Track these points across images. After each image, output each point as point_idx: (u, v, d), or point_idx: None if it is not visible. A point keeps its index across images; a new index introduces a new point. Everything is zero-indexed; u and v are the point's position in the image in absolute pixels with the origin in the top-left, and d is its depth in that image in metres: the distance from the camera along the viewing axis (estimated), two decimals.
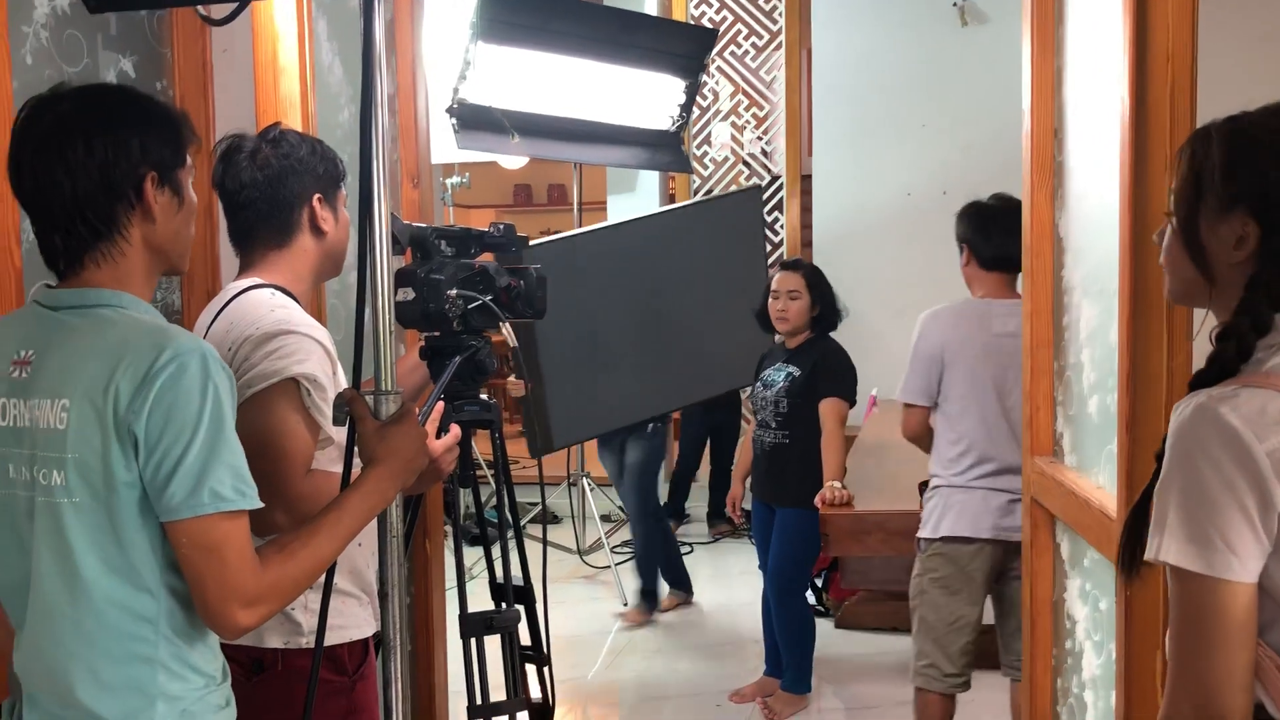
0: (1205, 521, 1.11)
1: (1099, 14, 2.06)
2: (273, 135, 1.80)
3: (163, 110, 1.35)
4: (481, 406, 1.99)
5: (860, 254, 5.73)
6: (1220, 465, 1.11)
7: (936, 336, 2.89)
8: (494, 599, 2.13)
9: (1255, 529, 1.11)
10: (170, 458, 1.23)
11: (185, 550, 1.25)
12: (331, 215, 1.84)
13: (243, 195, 1.77)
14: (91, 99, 1.31)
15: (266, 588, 1.28)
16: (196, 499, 1.24)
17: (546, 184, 11.71)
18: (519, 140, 4.44)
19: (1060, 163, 2.32)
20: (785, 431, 3.64)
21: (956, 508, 2.85)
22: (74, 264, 1.32)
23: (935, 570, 2.88)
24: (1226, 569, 1.11)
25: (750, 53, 6.32)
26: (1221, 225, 1.20)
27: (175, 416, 1.22)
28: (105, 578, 1.27)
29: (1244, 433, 1.10)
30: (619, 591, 4.99)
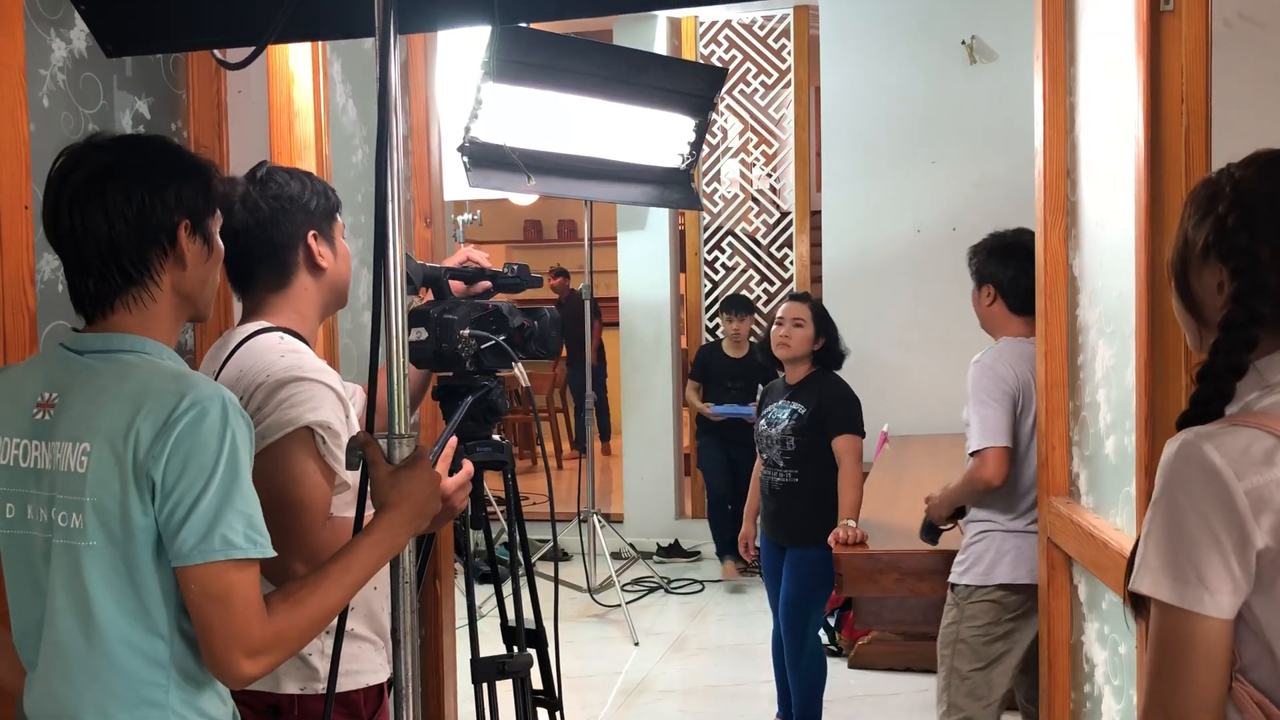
0: (1181, 556, 1.15)
1: (1111, 54, 2.06)
2: (260, 175, 1.77)
3: (195, 161, 1.39)
4: (494, 447, 1.98)
5: (870, 290, 5.73)
6: (1198, 501, 1.14)
7: (1012, 375, 2.73)
8: (505, 642, 2.11)
9: (1230, 566, 1.13)
10: (185, 503, 1.23)
11: (193, 597, 1.25)
12: (329, 250, 1.80)
13: (238, 241, 1.74)
14: (129, 149, 1.35)
15: (272, 638, 1.27)
16: (208, 545, 1.23)
17: (557, 220, 11.79)
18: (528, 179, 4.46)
19: (1074, 202, 2.32)
20: (794, 470, 3.59)
21: (1012, 554, 2.69)
22: (104, 307, 1.34)
23: (978, 619, 2.71)
24: (1198, 603, 1.14)
25: (759, 91, 6.36)
26: (1204, 273, 1.26)
27: (192, 462, 1.23)
28: (119, 621, 1.27)
29: (1224, 470, 1.13)
30: (630, 630, 4.95)
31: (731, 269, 6.49)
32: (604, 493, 5.95)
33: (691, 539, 6.36)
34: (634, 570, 5.94)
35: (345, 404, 1.70)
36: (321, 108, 2.23)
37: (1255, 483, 1.12)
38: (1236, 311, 1.21)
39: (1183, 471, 1.16)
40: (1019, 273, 2.75)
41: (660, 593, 5.68)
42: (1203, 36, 1.65)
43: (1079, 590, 2.31)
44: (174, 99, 2.44)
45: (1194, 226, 1.27)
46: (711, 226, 6.48)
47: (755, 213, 6.52)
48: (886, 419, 5.10)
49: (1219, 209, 1.24)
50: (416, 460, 1.43)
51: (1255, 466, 1.13)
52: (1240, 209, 1.22)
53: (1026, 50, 5.66)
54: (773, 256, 6.43)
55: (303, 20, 1.54)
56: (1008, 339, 2.81)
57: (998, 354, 2.78)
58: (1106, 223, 2.09)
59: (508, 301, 2.05)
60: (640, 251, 6.46)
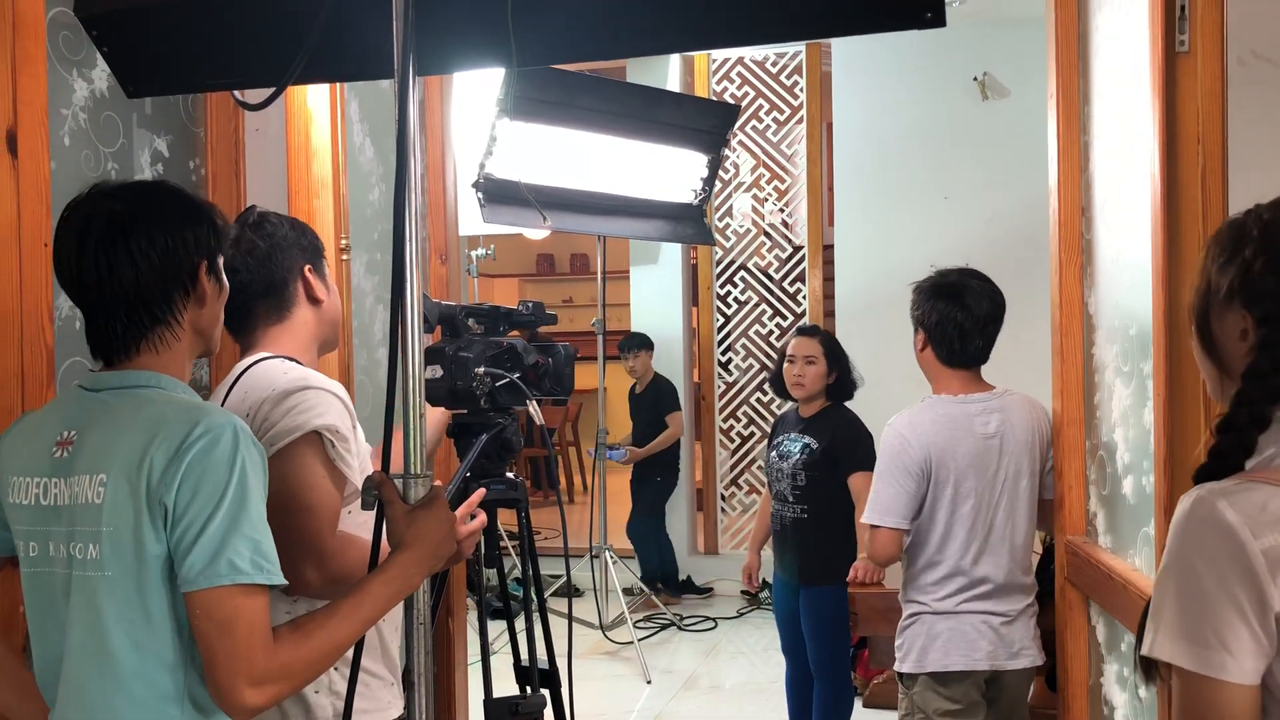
0: (1200, 619, 1.10)
1: (1127, 94, 2.06)
2: (252, 220, 1.81)
3: (201, 204, 1.44)
4: (508, 485, 1.98)
5: (883, 325, 5.70)
6: (1215, 561, 1.09)
7: (920, 448, 2.49)
8: (518, 681, 2.09)
9: (1252, 628, 1.08)
10: (194, 527, 1.25)
11: (199, 622, 1.26)
12: (323, 284, 1.84)
13: (235, 280, 1.76)
14: (141, 196, 1.39)
15: (277, 668, 1.27)
16: (214, 569, 1.24)
17: (569, 254, 11.84)
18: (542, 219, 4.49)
19: (1088, 240, 2.32)
20: (804, 506, 3.53)
21: (944, 636, 2.50)
22: (129, 349, 1.37)
23: (924, 709, 2.53)
24: (1221, 669, 1.09)
25: (771, 126, 6.39)
26: (1226, 319, 1.21)
27: (203, 487, 1.25)
28: (132, 654, 1.28)
29: (1240, 529, 1.09)
30: (642, 668, 4.91)
31: (744, 303, 6.50)
32: (614, 528, 5.91)
33: (704, 575, 6.32)
34: (645, 607, 5.90)
35: (351, 413, 1.71)
36: (339, 147, 2.25)
37: (1272, 542, 1.08)
38: (1262, 360, 1.16)
39: (1197, 530, 1.12)
40: (944, 317, 2.52)
41: (672, 630, 5.64)
42: (1218, 76, 1.66)
43: (1097, 631, 2.28)
44: (192, 137, 2.46)
45: (1218, 270, 1.22)
46: (724, 261, 6.49)
47: (768, 247, 6.53)
48: None
49: (1245, 252, 1.19)
50: (433, 500, 1.43)
51: (1272, 525, 1.08)
52: (1268, 253, 1.17)
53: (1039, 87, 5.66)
54: (785, 291, 6.44)
55: (322, 62, 1.56)
56: (930, 399, 2.58)
57: (911, 417, 2.54)
58: (1122, 261, 2.08)
59: (521, 339, 2.05)
60: (653, 286, 6.48)
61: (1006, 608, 2.50)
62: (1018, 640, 2.51)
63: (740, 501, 6.51)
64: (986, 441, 2.50)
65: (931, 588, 2.53)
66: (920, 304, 2.59)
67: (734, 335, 6.51)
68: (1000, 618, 2.50)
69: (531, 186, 4.64)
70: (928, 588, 2.54)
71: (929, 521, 2.52)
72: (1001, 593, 2.50)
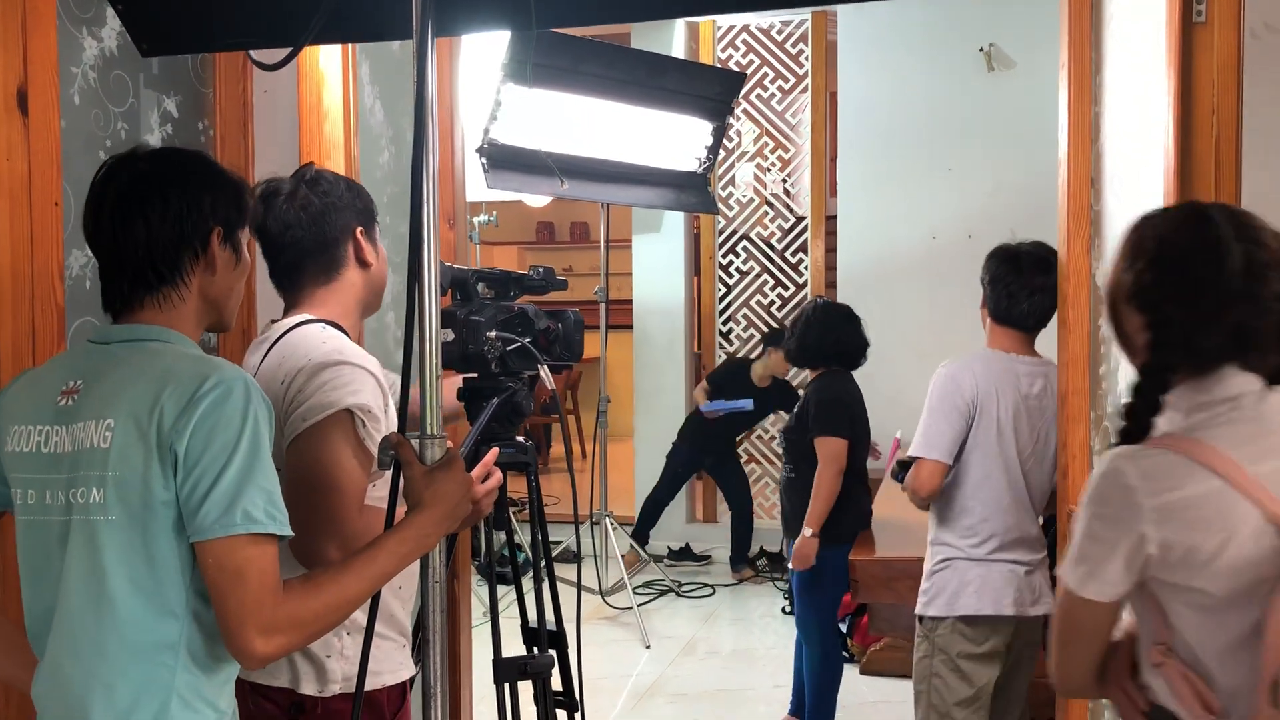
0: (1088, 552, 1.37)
1: (1139, 64, 2.06)
2: (309, 176, 1.82)
3: (230, 176, 1.45)
4: (518, 448, 1.99)
5: (884, 296, 5.72)
6: (1110, 512, 1.35)
7: (971, 387, 2.61)
8: (525, 643, 2.11)
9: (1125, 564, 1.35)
10: (207, 477, 1.26)
11: (210, 571, 1.27)
12: (372, 248, 1.86)
13: (287, 235, 1.79)
14: (167, 159, 1.42)
15: (284, 617, 1.29)
16: (229, 519, 1.26)
17: (569, 222, 11.81)
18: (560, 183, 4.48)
19: (1097, 211, 2.32)
20: (791, 466, 3.72)
21: (976, 583, 2.61)
22: (133, 304, 1.39)
23: (949, 650, 2.62)
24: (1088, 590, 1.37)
25: (776, 95, 6.36)
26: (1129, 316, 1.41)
27: (216, 438, 1.26)
28: (132, 597, 1.29)
29: (1137, 490, 1.33)
30: (641, 634, 4.95)
31: (746, 273, 6.50)
32: (615, 495, 5.95)
33: (702, 543, 6.36)
34: (646, 573, 5.95)
35: (385, 391, 1.72)
36: (351, 109, 2.25)
37: (1164, 500, 1.31)
38: (1152, 360, 1.37)
39: (1106, 486, 1.36)
40: (997, 279, 2.69)
41: (671, 596, 5.69)
42: (1234, 48, 1.66)
43: None
44: (201, 98, 2.45)
45: (1124, 269, 1.40)
46: (726, 231, 6.49)
47: (770, 217, 6.52)
48: (899, 425, 5.08)
49: (1139, 262, 1.37)
50: (450, 462, 1.44)
51: (1166, 486, 1.31)
52: (1156, 265, 1.36)
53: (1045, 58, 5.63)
54: (787, 261, 6.44)
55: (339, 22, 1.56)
56: (982, 351, 2.71)
57: (962, 363, 2.67)
58: None
59: (532, 304, 2.06)
60: (655, 255, 6.47)
61: (1030, 557, 2.61)
62: (1036, 589, 2.61)
63: None
64: (1028, 400, 2.61)
65: (966, 533, 2.63)
66: (987, 266, 2.76)
67: (735, 305, 6.51)
68: (1024, 566, 2.61)
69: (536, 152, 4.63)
70: (962, 533, 2.63)
71: (966, 465, 2.62)
72: (1024, 544, 2.61)
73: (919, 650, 2.70)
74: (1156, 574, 1.35)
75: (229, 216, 1.41)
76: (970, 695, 2.60)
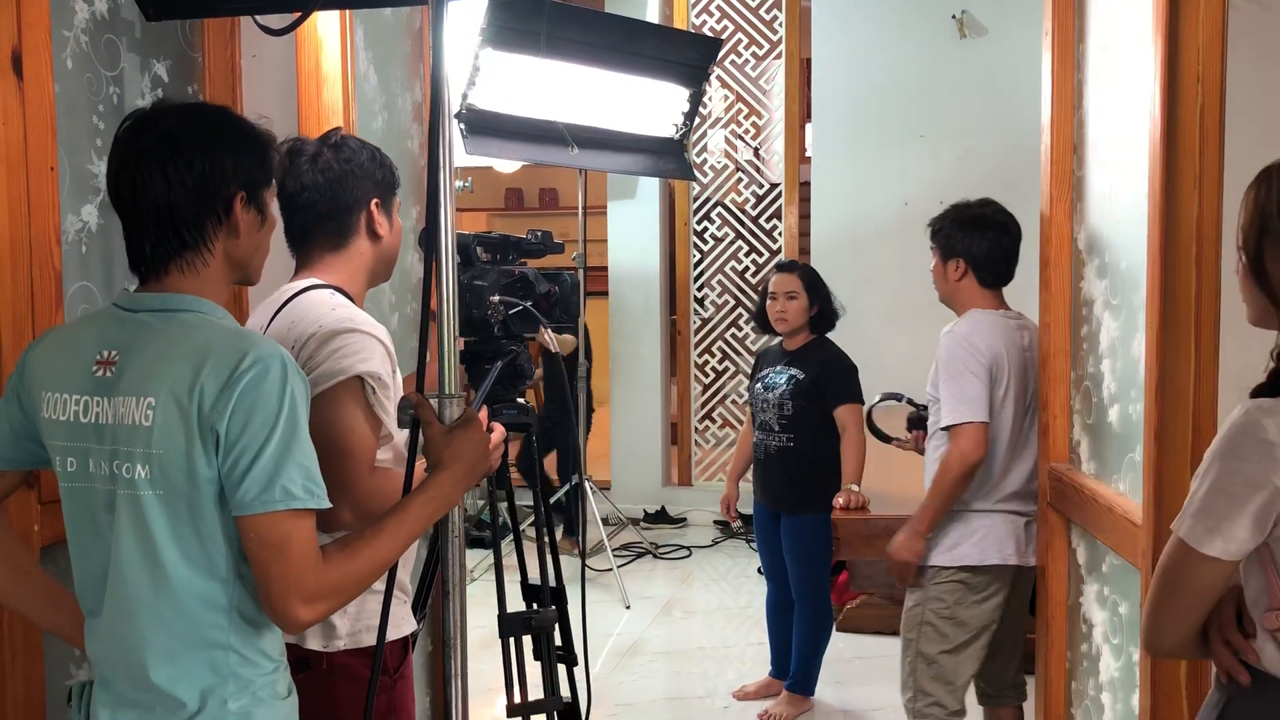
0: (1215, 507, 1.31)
1: (1122, 32, 2.11)
2: (334, 140, 1.84)
3: (255, 133, 1.43)
4: (519, 410, 2.03)
5: (858, 262, 5.78)
6: (1244, 466, 1.29)
7: (987, 348, 2.62)
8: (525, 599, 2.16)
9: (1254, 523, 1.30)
10: (247, 455, 1.28)
11: (252, 545, 1.30)
12: (387, 220, 1.88)
13: (303, 197, 1.81)
14: (192, 118, 1.39)
15: (327, 585, 1.32)
16: (269, 495, 1.28)
17: (538, 188, 11.76)
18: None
19: (1079, 177, 2.38)
20: (790, 435, 3.63)
21: (980, 534, 2.65)
22: (159, 269, 1.39)
23: (943, 599, 2.66)
24: (1210, 546, 1.31)
25: (750, 62, 6.37)
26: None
27: (255, 416, 1.28)
28: (184, 567, 1.32)
29: (1277, 444, 1.27)
30: (621, 594, 5.03)
31: (720, 240, 6.54)
32: (594, 458, 6.00)
33: (678, 506, 6.44)
34: (622, 536, 6.02)
35: (393, 357, 1.75)
36: (349, 74, 2.25)
37: None
38: None
39: (1240, 437, 1.30)
40: (994, 245, 2.71)
41: (649, 558, 5.76)
42: (1219, 17, 1.71)
43: (1077, 554, 2.39)
44: (190, 62, 2.44)
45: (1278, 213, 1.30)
46: (700, 197, 6.51)
47: (744, 184, 6.55)
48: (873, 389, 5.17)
49: None
50: (469, 420, 1.48)
51: None
52: None
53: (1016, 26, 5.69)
54: (761, 228, 6.48)
55: None
56: (978, 311, 2.72)
57: (973, 325, 2.68)
58: (1115, 198, 2.15)
59: (532, 268, 2.09)
60: (630, 221, 6.49)
61: (1028, 508, 2.65)
62: (1033, 540, 2.65)
63: (714, 435, 6.61)
64: (1025, 354, 2.67)
65: (976, 486, 2.64)
66: (959, 236, 2.74)
67: (710, 272, 6.56)
68: (1024, 517, 2.66)
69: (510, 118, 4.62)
70: (973, 487, 2.64)
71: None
72: (1026, 495, 2.66)
73: (910, 598, 2.73)
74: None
75: (253, 177, 1.40)
76: (962, 642, 2.65)
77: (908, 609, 2.74)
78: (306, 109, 2.26)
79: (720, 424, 6.55)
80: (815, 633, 3.74)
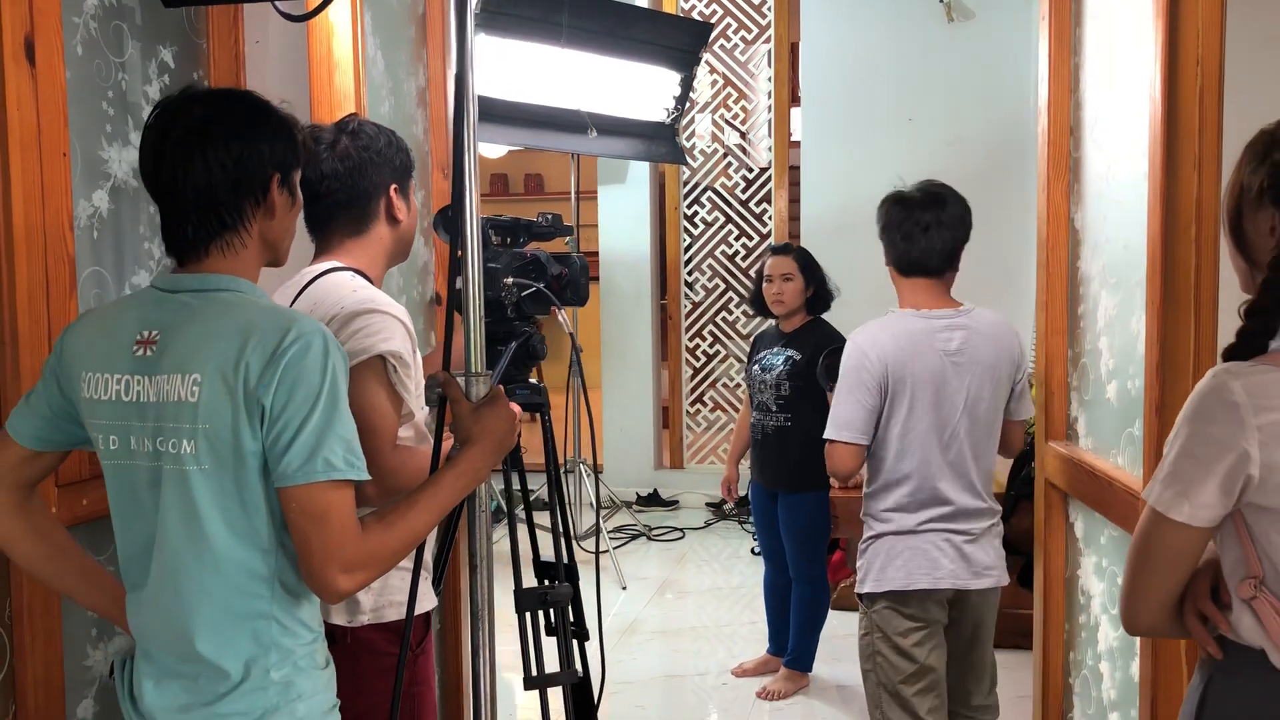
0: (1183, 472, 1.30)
1: (1119, 16, 2.15)
2: (351, 127, 1.86)
3: (284, 118, 1.47)
4: (532, 390, 2.06)
5: (847, 245, 5.78)
6: (1213, 431, 1.28)
7: (875, 360, 2.41)
8: (538, 576, 2.20)
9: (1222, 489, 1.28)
10: (290, 428, 1.32)
11: (294, 515, 1.34)
12: (405, 204, 1.91)
13: (323, 185, 1.83)
14: (226, 104, 1.43)
15: (365, 555, 1.36)
16: (311, 466, 1.32)
17: (523, 174, 11.75)
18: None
19: (1076, 159, 2.43)
20: (787, 415, 3.68)
21: (905, 555, 2.45)
22: (199, 251, 1.42)
23: (888, 627, 2.48)
24: (1179, 513, 1.31)
25: (739, 46, 6.40)
26: (1257, 217, 1.34)
27: (299, 391, 1.32)
28: (229, 539, 1.35)
29: (1243, 407, 1.26)
30: (617, 575, 5.08)
31: (710, 224, 6.57)
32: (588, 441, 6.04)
33: (670, 488, 6.49)
34: (616, 519, 6.07)
35: (413, 337, 1.78)
36: (360, 59, 2.27)
37: (1271, 419, 1.25)
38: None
39: (1209, 403, 1.29)
40: (889, 224, 2.47)
41: (643, 540, 5.82)
42: (1218, 1, 1.75)
43: (1075, 527, 2.44)
44: (195, 48, 2.46)
45: (1250, 172, 1.35)
46: (690, 182, 6.54)
47: (734, 168, 6.59)
48: None
49: (1275, 156, 1.32)
50: (496, 397, 1.52)
51: (1274, 404, 1.26)
52: None
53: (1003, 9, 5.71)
54: (751, 212, 6.52)
55: None
56: (892, 313, 2.51)
57: (870, 334, 2.46)
58: (1113, 177, 2.19)
59: (544, 250, 2.12)
60: (620, 206, 6.51)
61: (969, 526, 2.44)
62: (981, 560, 2.45)
63: (705, 418, 6.66)
64: (947, 359, 2.41)
65: (891, 509, 2.47)
66: (877, 219, 2.55)
67: (700, 256, 6.59)
68: (963, 536, 2.44)
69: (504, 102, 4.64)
70: (887, 508, 2.48)
71: (884, 438, 2.45)
72: (962, 515, 2.44)
73: (861, 627, 2.56)
74: (1255, 499, 1.29)
75: (285, 160, 1.44)
76: (914, 671, 2.46)
77: (860, 637, 2.57)
78: (319, 95, 2.28)
79: (711, 407, 6.60)
80: (813, 610, 3.80)
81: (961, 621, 2.53)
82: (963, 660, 2.57)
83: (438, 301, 2.84)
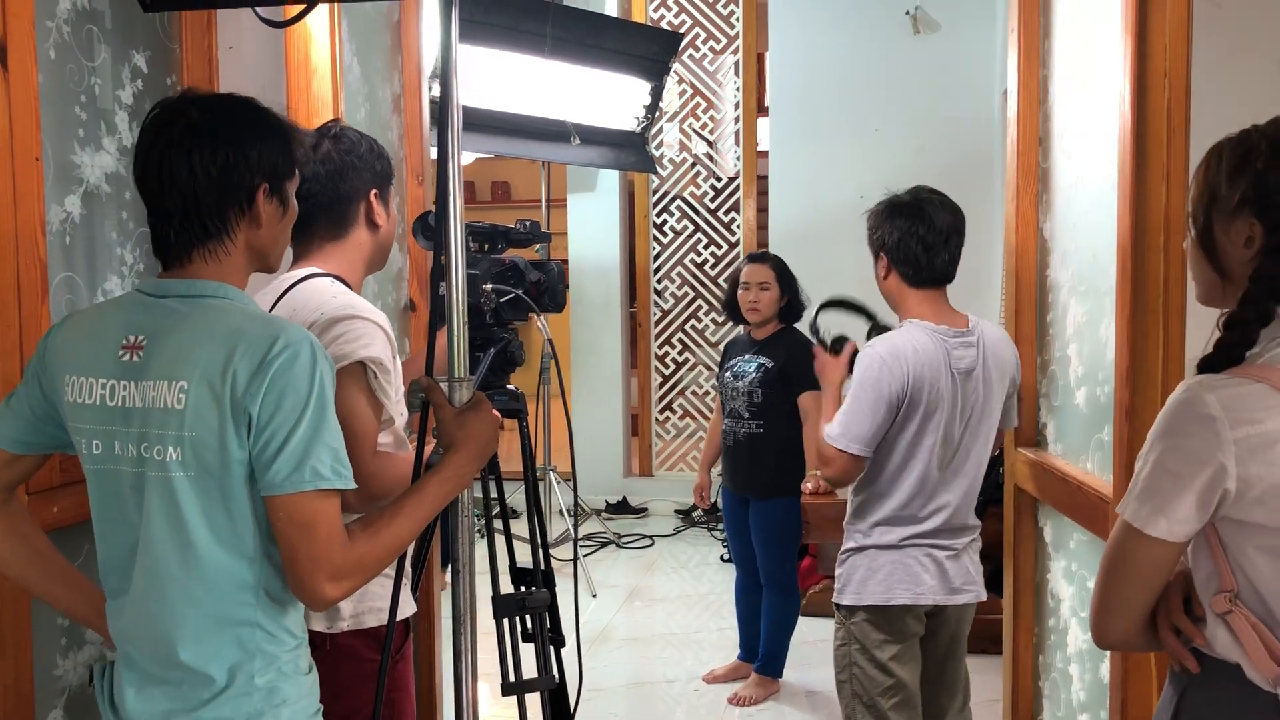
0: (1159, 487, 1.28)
1: (1088, 30, 2.20)
2: (334, 131, 1.86)
3: (280, 124, 1.45)
4: (510, 396, 2.07)
5: (815, 255, 5.85)
6: (1188, 444, 1.26)
7: (901, 376, 2.32)
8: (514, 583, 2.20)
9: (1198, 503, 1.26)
10: (278, 437, 1.31)
11: (281, 524, 1.33)
12: (384, 210, 1.91)
13: (303, 188, 1.82)
14: (218, 109, 1.41)
15: (352, 563, 1.36)
16: (298, 476, 1.31)
17: (490, 181, 11.74)
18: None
19: (1045, 169, 2.47)
20: (759, 422, 3.71)
21: (886, 569, 2.41)
22: (182, 256, 1.41)
23: (866, 639, 2.44)
24: (1155, 528, 1.28)
25: (708, 56, 6.44)
26: (1231, 227, 1.32)
27: (286, 399, 1.31)
28: (214, 546, 1.35)
29: (1219, 421, 1.24)
30: (587, 583, 5.08)
31: (679, 232, 6.60)
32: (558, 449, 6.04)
33: (639, 496, 6.50)
34: (589, 525, 6.07)
35: (393, 343, 1.78)
36: (337, 66, 2.27)
37: (1247, 432, 1.23)
38: (1269, 264, 1.28)
39: (1184, 416, 1.26)
40: (904, 234, 2.36)
41: (612, 547, 5.82)
42: (1185, 17, 1.79)
43: (1044, 532, 2.48)
44: (168, 53, 2.44)
45: (1226, 181, 1.31)
46: (660, 190, 6.57)
47: (703, 177, 6.62)
48: None
49: (1257, 165, 1.29)
50: (479, 403, 1.52)
51: (1251, 418, 1.23)
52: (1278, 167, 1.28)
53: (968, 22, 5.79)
54: (720, 220, 6.55)
55: None
56: (913, 325, 2.39)
57: (893, 348, 2.35)
58: (1082, 187, 2.23)
59: (522, 257, 2.12)
60: (590, 214, 6.53)
61: (952, 542, 2.42)
62: (961, 575, 2.43)
63: (674, 425, 6.68)
64: (961, 377, 2.37)
65: (879, 521, 2.42)
66: (878, 227, 2.43)
67: (669, 264, 6.62)
68: (946, 552, 2.41)
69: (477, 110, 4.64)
70: (879, 520, 2.43)
71: (887, 454, 2.39)
72: (948, 531, 2.42)
73: (838, 637, 2.52)
74: (1231, 513, 1.27)
75: (276, 168, 1.42)
76: (892, 685, 2.43)
77: (836, 647, 2.53)
78: (296, 101, 2.28)
79: (680, 415, 6.62)
80: (784, 615, 3.82)
81: (938, 634, 2.52)
82: (937, 675, 2.55)
83: (412, 308, 2.83)
